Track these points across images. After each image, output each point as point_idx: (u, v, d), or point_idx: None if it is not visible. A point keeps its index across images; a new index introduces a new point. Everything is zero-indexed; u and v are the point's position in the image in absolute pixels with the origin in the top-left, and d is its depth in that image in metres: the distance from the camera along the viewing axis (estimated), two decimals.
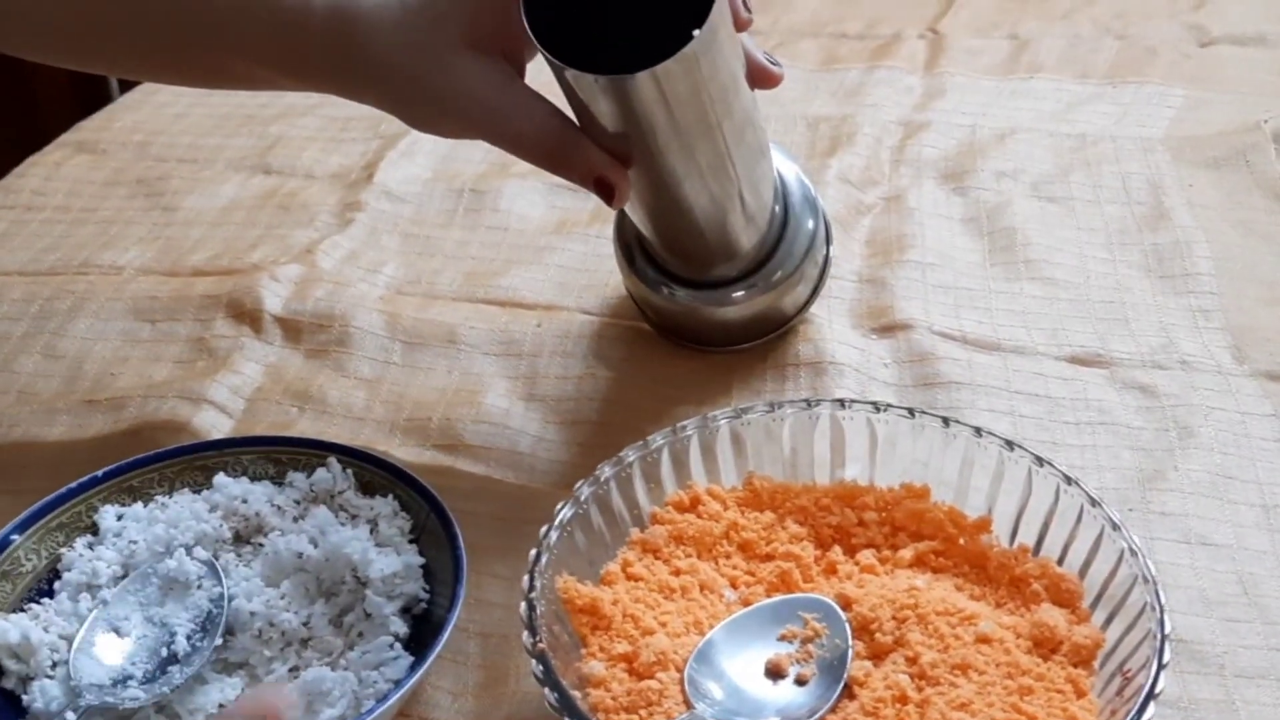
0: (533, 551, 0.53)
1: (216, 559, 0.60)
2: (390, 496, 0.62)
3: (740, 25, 0.60)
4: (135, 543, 0.60)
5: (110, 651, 0.56)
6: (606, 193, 0.63)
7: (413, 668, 0.54)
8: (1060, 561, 0.55)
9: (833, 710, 0.50)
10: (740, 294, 0.71)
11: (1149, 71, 1.03)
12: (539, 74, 0.61)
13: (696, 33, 0.55)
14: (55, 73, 1.70)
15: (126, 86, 1.21)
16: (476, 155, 0.97)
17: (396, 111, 0.64)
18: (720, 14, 0.56)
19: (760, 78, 0.63)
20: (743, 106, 0.62)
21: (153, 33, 0.64)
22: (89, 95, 1.56)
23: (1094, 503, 0.54)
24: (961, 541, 0.57)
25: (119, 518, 0.62)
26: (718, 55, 0.58)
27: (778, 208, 0.71)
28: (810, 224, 0.72)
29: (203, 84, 0.73)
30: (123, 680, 0.55)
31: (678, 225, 0.68)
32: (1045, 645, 0.52)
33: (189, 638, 0.57)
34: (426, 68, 0.60)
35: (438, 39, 0.60)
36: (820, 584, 0.56)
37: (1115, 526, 0.53)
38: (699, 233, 0.68)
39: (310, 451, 0.65)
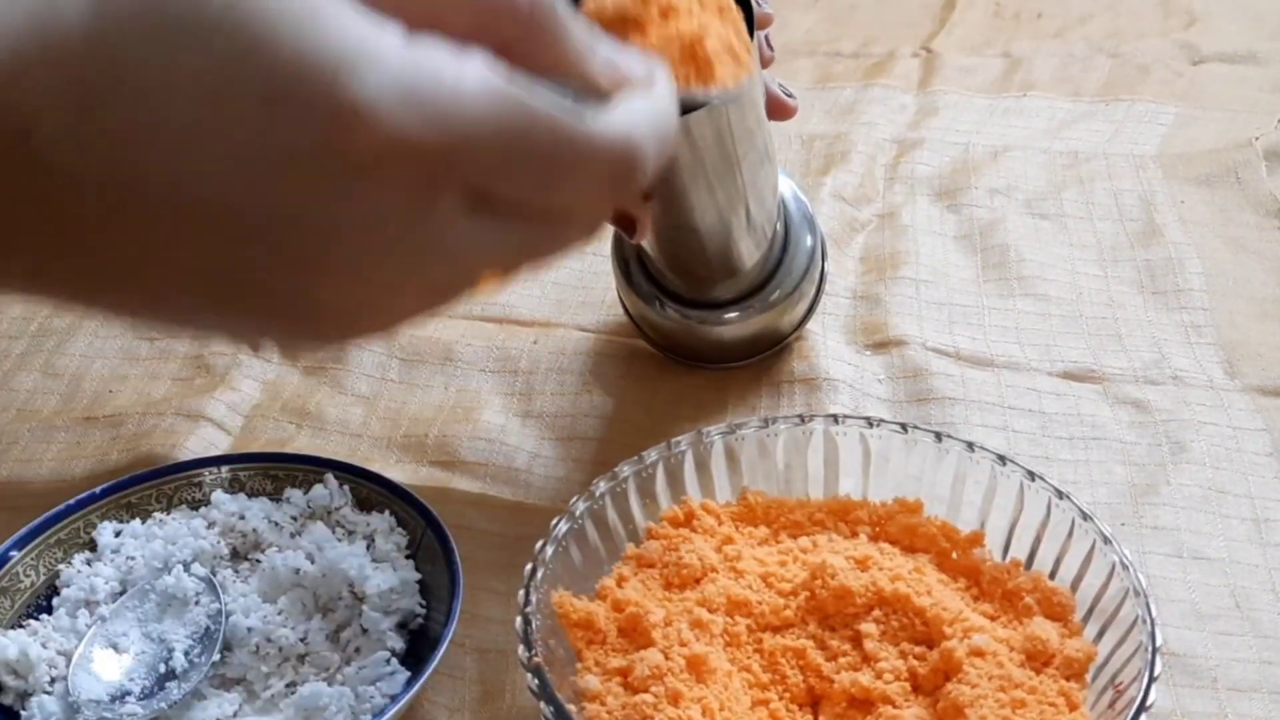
0: (528, 566, 0.53)
1: (214, 575, 0.60)
2: (387, 512, 0.62)
3: (764, 63, 0.61)
4: (133, 559, 0.61)
5: (108, 667, 0.56)
6: (628, 227, 0.63)
7: (409, 683, 0.54)
8: (1052, 575, 0.56)
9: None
10: (739, 313, 0.72)
11: (1141, 89, 1.03)
12: None
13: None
14: None
15: None
16: None
17: None
18: (754, 59, 0.57)
19: (777, 110, 0.64)
20: (763, 141, 0.63)
21: None
22: None
23: (1085, 517, 0.55)
24: (954, 556, 0.58)
25: (117, 534, 0.62)
26: (747, 99, 0.59)
27: (779, 227, 0.71)
28: (808, 243, 0.73)
29: None
30: (121, 696, 0.55)
31: (685, 249, 0.68)
32: (1038, 659, 0.52)
33: (187, 654, 0.57)
34: None
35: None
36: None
37: (1106, 540, 0.54)
38: (705, 256, 0.68)
39: (307, 468, 0.65)
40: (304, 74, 0.29)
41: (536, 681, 0.49)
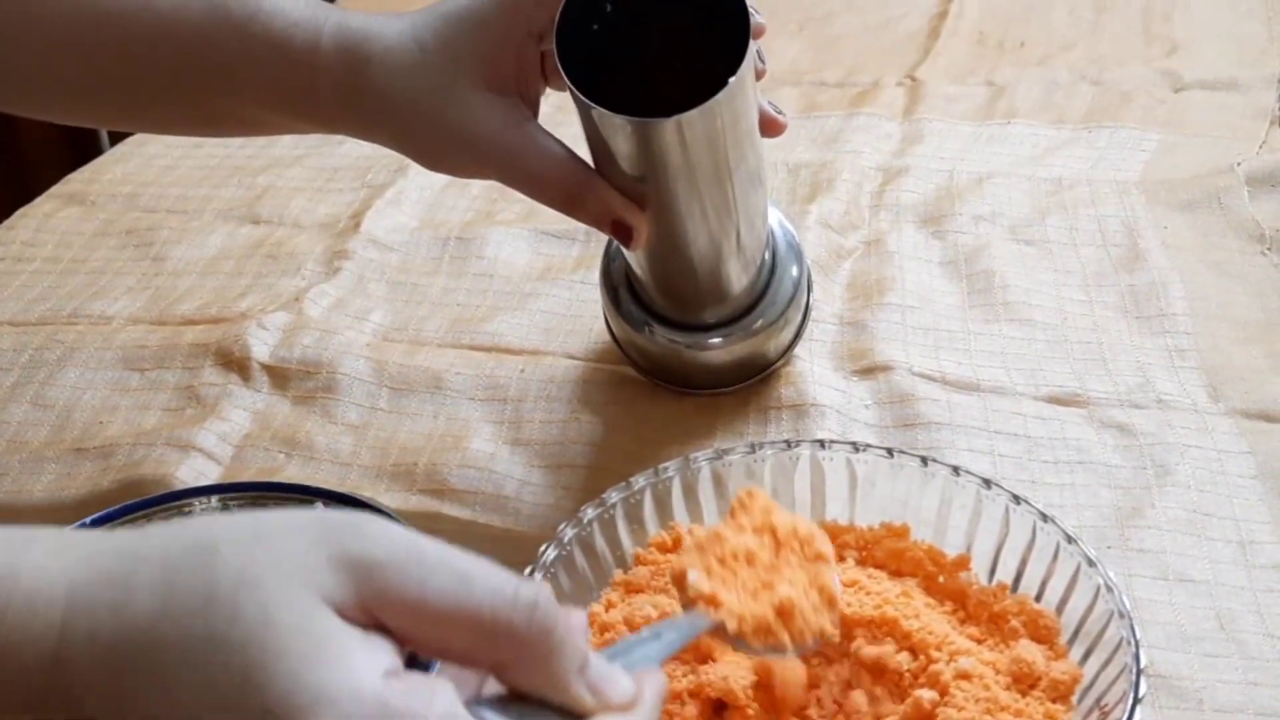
0: None
1: None
2: None
3: (757, 75, 0.62)
4: None
5: None
6: (624, 235, 0.63)
7: None
8: (1038, 598, 0.56)
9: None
10: (726, 338, 0.72)
11: (1124, 116, 1.04)
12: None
13: (732, 79, 0.57)
14: (44, 126, 1.72)
15: (116, 139, 1.22)
16: (462, 203, 0.98)
17: (410, 150, 0.65)
18: (749, 65, 0.58)
19: (768, 126, 0.65)
20: (756, 156, 0.64)
21: (163, 84, 0.65)
22: (78, 148, 1.57)
23: (1070, 540, 0.55)
24: (941, 579, 0.58)
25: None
26: (741, 105, 0.60)
27: (766, 255, 0.72)
28: (794, 270, 0.74)
29: (215, 132, 0.74)
30: None
31: (675, 267, 0.69)
32: (1024, 681, 0.52)
33: None
34: (443, 107, 0.61)
35: (455, 79, 0.61)
36: None
37: (1092, 563, 0.54)
38: (694, 275, 0.69)
39: (297, 497, 0.65)
40: (284, 705, 0.35)
41: None
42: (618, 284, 0.74)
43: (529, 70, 0.62)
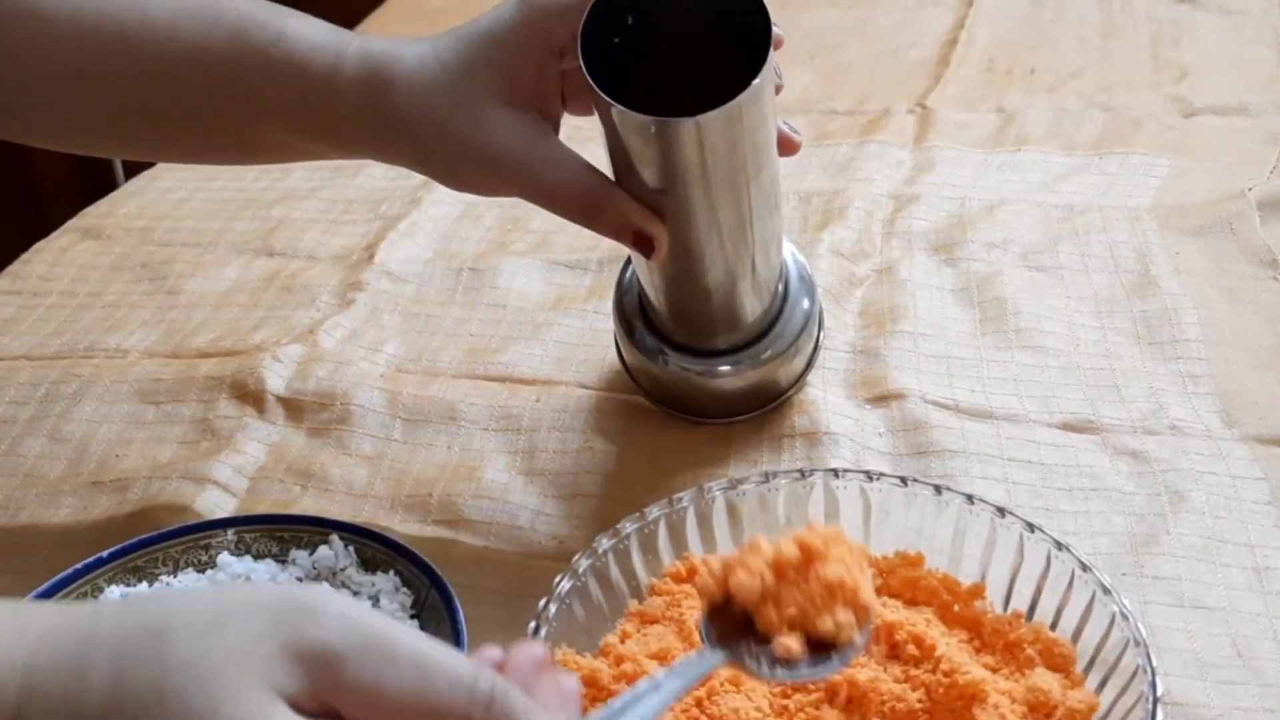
0: (532, 624, 0.54)
1: None
2: (391, 572, 0.63)
3: (775, 90, 0.62)
4: None
5: None
6: (645, 246, 0.64)
7: None
8: (1053, 626, 0.56)
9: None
10: (738, 365, 0.73)
11: (1134, 142, 1.04)
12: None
13: (755, 81, 0.57)
14: (59, 160, 1.73)
15: (131, 172, 1.23)
16: (475, 234, 0.98)
17: (432, 170, 0.65)
18: (768, 73, 0.58)
19: (783, 145, 0.65)
20: (771, 173, 0.64)
21: (187, 112, 0.65)
22: (93, 181, 1.59)
23: (1085, 568, 0.55)
24: (956, 608, 0.58)
25: (124, 598, 0.63)
26: (759, 113, 0.60)
27: (779, 286, 0.72)
28: (806, 298, 0.74)
29: (237, 159, 0.74)
30: None
31: (690, 287, 0.69)
32: (1040, 709, 0.52)
33: None
34: (463, 124, 0.62)
35: (475, 95, 0.62)
36: None
37: (1107, 591, 0.54)
38: (708, 298, 0.69)
39: (312, 529, 0.66)
40: None
41: None
42: (631, 313, 0.74)
43: (549, 87, 0.63)
